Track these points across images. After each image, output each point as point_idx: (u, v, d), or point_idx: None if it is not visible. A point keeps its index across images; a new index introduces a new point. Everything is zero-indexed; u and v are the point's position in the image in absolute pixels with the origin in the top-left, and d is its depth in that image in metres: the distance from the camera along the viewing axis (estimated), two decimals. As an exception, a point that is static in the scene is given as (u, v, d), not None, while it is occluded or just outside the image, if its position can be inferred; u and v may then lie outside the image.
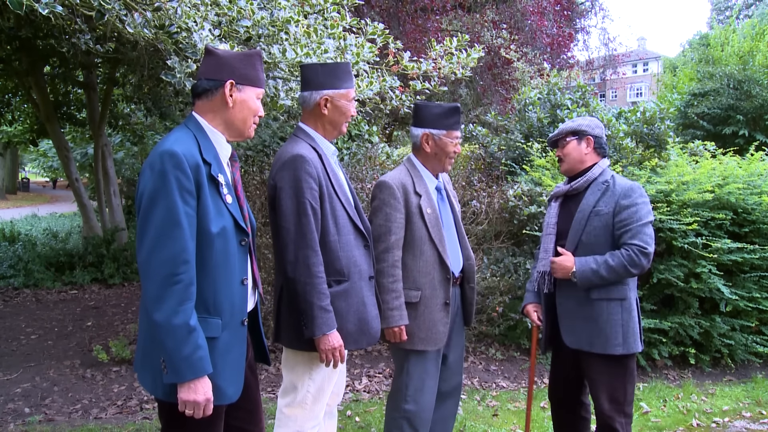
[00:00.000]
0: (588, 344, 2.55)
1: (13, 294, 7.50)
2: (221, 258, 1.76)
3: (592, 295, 2.54)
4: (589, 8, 12.19)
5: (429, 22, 7.75)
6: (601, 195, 2.55)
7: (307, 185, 2.18)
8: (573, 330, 2.60)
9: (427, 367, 2.67)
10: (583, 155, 2.65)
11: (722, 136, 10.54)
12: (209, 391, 1.70)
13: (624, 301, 2.55)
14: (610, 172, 2.64)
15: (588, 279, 2.50)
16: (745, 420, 3.79)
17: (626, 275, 2.48)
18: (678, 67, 17.28)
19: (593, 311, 2.54)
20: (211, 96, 1.83)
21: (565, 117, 5.86)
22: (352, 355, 4.92)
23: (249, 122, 1.90)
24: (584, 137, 2.64)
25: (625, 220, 2.48)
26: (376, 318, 2.37)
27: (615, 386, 2.55)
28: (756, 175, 4.93)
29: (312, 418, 2.31)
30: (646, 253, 2.44)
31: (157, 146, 1.73)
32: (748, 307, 4.49)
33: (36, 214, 16.54)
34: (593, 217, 2.54)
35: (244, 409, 1.95)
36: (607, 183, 2.57)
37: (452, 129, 2.68)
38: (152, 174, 1.66)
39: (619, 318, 2.52)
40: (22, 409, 3.97)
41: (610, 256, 2.48)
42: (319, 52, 3.03)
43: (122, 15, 2.50)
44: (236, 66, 1.83)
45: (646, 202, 2.53)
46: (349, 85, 2.36)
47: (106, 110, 9.05)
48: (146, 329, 1.74)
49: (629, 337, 2.52)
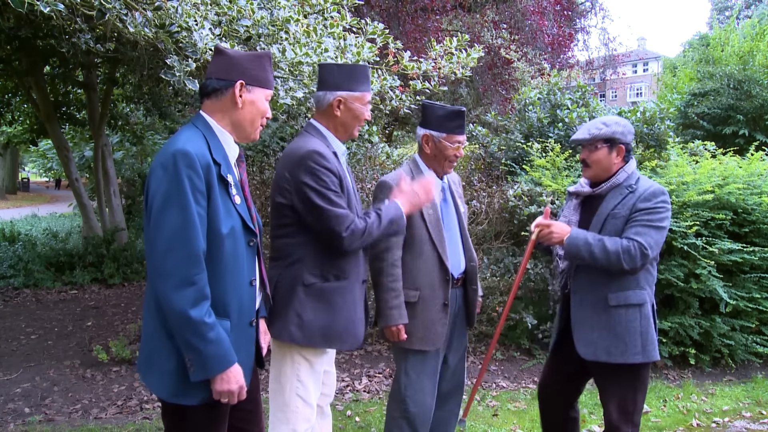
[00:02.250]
0: (606, 354, 2.43)
1: (13, 294, 7.50)
2: (231, 259, 1.76)
3: (611, 301, 2.43)
4: (589, 8, 12.21)
5: (429, 22, 7.76)
6: (622, 199, 2.45)
7: (330, 179, 2.17)
8: (590, 341, 2.46)
9: (426, 367, 2.67)
10: (612, 164, 2.49)
11: (722, 136, 10.54)
12: (240, 377, 1.73)
13: (643, 307, 2.44)
14: (637, 174, 2.51)
15: (576, 248, 2.38)
16: (745, 420, 3.79)
17: (616, 266, 2.35)
18: (678, 67, 17.27)
19: (611, 319, 2.43)
20: (220, 96, 1.82)
21: (565, 117, 5.86)
22: (352, 355, 4.91)
23: (256, 123, 1.89)
24: (616, 146, 2.47)
25: (637, 217, 2.38)
26: (362, 322, 2.37)
27: (626, 396, 2.47)
28: (756, 175, 4.93)
29: (304, 421, 2.29)
30: (646, 255, 2.33)
31: (168, 145, 1.72)
32: (748, 308, 4.48)
33: (36, 214, 16.55)
34: (610, 220, 2.44)
35: (246, 410, 1.95)
36: (630, 188, 2.45)
37: (453, 133, 2.65)
38: (165, 174, 1.65)
39: (638, 325, 2.41)
40: (22, 409, 3.97)
41: (609, 239, 2.36)
42: (318, 51, 3.03)
43: (122, 14, 2.50)
44: (246, 66, 1.83)
45: (667, 209, 2.40)
46: (364, 88, 2.31)
47: (106, 110, 9.05)
48: (152, 331, 1.73)
49: (648, 345, 2.42)
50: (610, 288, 2.44)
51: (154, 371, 1.73)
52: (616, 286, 2.43)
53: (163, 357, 1.70)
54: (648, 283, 2.47)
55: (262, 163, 6.00)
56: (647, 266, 2.44)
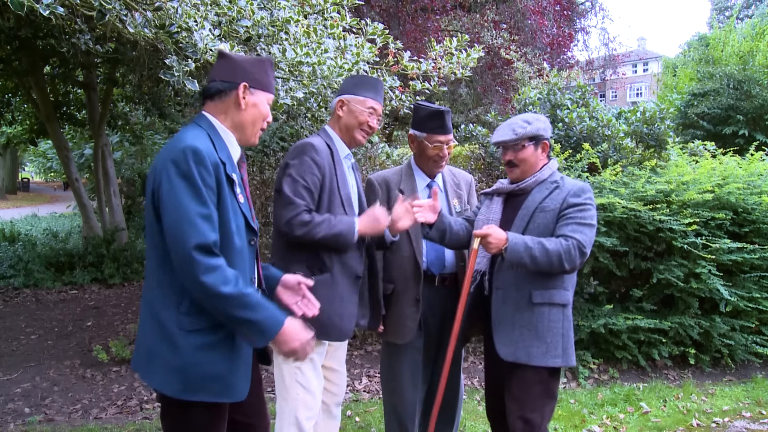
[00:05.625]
0: (526, 355, 2.31)
1: (13, 294, 7.50)
2: (238, 256, 1.78)
3: (534, 299, 2.32)
4: (589, 8, 12.21)
5: (429, 22, 7.76)
6: (549, 193, 2.38)
7: (310, 169, 2.29)
8: (510, 340, 2.34)
9: (402, 361, 2.74)
10: (538, 160, 2.46)
11: (722, 136, 10.55)
12: (299, 332, 1.75)
13: (566, 309, 2.35)
14: (559, 174, 2.47)
15: (518, 254, 2.25)
16: (745, 420, 3.79)
17: (557, 267, 2.25)
18: (678, 67, 17.28)
19: (533, 317, 2.32)
20: (224, 97, 1.85)
21: (565, 117, 5.85)
22: (352, 355, 4.91)
23: (258, 126, 1.91)
24: (541, 142, 2.44)
25: (570, 213, 2.31)
26: (351, 317, 2.40)
27: (535, 405, 2.32)
28: (756, 175, 4.93)
29: (306, 408, 2.34)
30: (584, 253, 2.25)
31: (175, 142, 1.73)
32: (748, 308, 4.48)
33: (36, 214, 16.55)
34: (538, 213, 2.36)
35: (249, 404, 1.96)
36: (556, 183, 2.41)
37: (433, 133, 2.69)
38: (177, 170, 1.67)
39: (561, 326, 2.33)
40: (22, 409, 3.97)
41: (547, 240, 2.27)
42: (319, 52, 3.04)
43: (122, 15, 2.50)
44: (250, 70, 1.86)
45: (594, 206, 2.36)
46: (369, 95, 2.45)
47: (106, 110, 9.06)
48: (151, 330, 1.74)
49: (568, 348, 2.33)
50: (534, 285, 2.34)
51: (157, 369, 1.73)
52: (541, 284, 2.34)
53: (166, 354, 1.71)
54: (571, 284, 2.41)
55: (262, 163, 6.00)
56: None
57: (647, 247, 4.51)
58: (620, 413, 3.82)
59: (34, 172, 38.31)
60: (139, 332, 1.82)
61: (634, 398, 4.04)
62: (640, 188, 4.54)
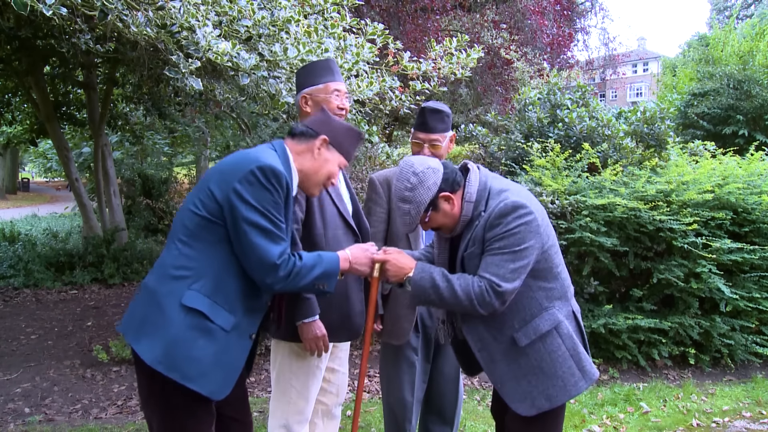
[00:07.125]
0: (546, 400, 1.99)
1: (13, 294, 7.50)
2: None
3: (521, 342, 1.98)
4: (589, 8, 12.21)
5: (429, 22, 7.76)
6: (472, 232, 1.98)
7: None
8: (522, 395, 2.01)
9: (399, 362, 2.75)
10: (454, 209, 2.01)
11: (722, 136, 10.56)
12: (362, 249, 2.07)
13: (559, 327, 1.99)
14: (485, 191, 2.00)
15: (423, 291, 1.95)
16: (745, 420, 3.79)
17: (471, 311, 1.92)
18: (678, 67, 17.29)
19: (530, 360, 1.99)
20: (303, 140, 1.99)
21: (565, 117, 5.86)
22: (352, 355, 4.91)
23: (321, 179, 2.03)
24: (441, 198, 1.98)
25: (491, 245, 1.92)
26: (360, 315, 2.40)
27: None
28: (756, 175, 4.93)
29: (297, 413, 2.32)
30: (499, 292, 1.87)
31: (252, 156, 1.83)
32: (748, 307, 4.48)
33: (36, 214, 16.54)
34: (467, 261, 2.01)
35: (235, 398, 2.00)
36: (481, 215, 1.97)
37: (417, 129, 2.70)
38: (258, 184, 1.78)
39: (564, 350, 1.99)
40: (22, 409, 3.97)
41: (460, 279, 1.93)
42: (319, 51, 3.04)
43: (124, 15, 2.51)
44: (338, 131, 2.03)
45: (524, 224, 1.89)
46: (327, 79, 2.38)
47: (106, 110, 9.06)
48: (150, 298, 1.82)
49: (584, 364, 2.02)
50: (512, 327, 2.00)
51: (147, 335, 1.78)
52: (518, 321, 1.99)
53: (159, 324, 1.76)
54: (553, 297, 2.02)
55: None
56: (543, 281, 2.00)
57: (647, 247, 4.52)
58: (620, 413, 3.83)
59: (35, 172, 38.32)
60: (136, 297, 1.90)
61: (634, 398, 4.04)
62: (640, 188, 4.54)
